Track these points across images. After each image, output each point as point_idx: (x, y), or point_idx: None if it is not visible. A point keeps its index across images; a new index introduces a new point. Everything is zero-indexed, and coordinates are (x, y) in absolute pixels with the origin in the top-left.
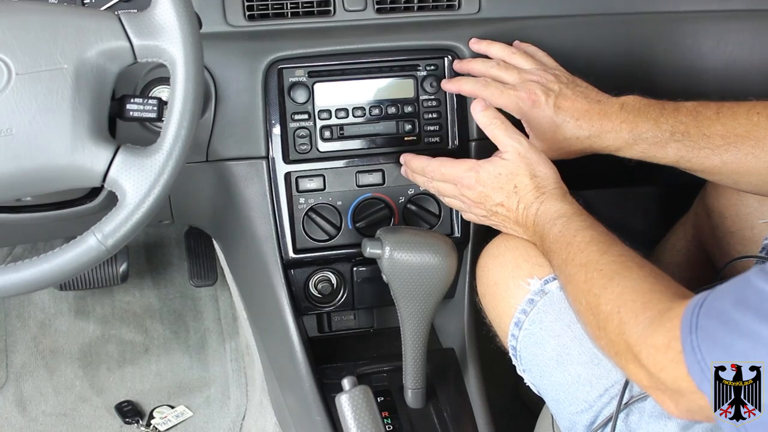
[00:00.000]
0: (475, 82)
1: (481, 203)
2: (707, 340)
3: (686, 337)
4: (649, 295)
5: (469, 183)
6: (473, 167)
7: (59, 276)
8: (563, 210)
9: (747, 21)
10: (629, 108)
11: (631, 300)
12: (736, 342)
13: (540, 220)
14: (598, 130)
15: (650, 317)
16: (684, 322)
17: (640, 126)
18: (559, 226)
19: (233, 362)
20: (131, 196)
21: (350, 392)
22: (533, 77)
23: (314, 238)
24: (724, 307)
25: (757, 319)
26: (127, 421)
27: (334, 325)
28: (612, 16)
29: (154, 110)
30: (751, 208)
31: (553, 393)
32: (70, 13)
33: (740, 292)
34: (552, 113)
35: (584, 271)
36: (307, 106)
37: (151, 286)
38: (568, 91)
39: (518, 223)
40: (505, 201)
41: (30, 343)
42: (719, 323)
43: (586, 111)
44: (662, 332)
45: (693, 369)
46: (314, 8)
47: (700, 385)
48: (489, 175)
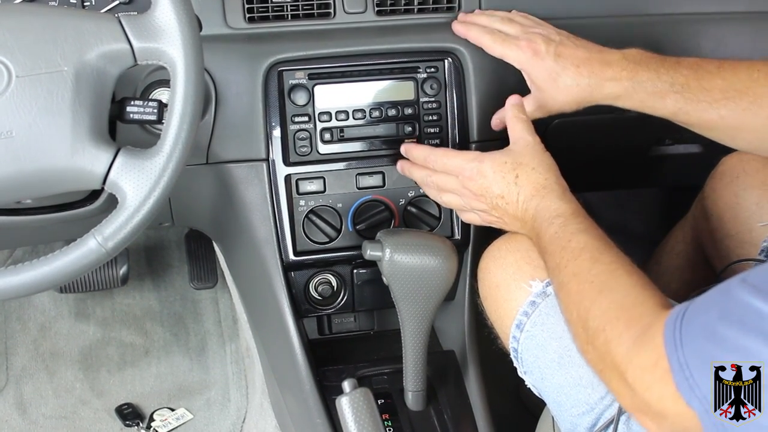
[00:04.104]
0: (481, 29)
1: (482, 195)
2: (694, 356)
3: (672, 354)
4: (633, 311)
5: (471, 174)
6: (477, 157)
7: (59, 278)
8: (561, 209)
9: (746, 23)
10: (630, 58)
11: (615, 318)
12: (724, 358)
13: (538, 216)
14: (599, 78)
15: (634, 335)
16: (667, 338)
17: (641, 74)
18: (556, 227)
19: (233, 365)
20: (131, 199)
21: (351, 394)
22: (535, 29)
23: (314, 241)
24: (708, 322)
25: (742, 333)
26: (128, 424)
27: (335, 328)
28: (612, 18)
29: (154, 112)
30: (750, 211)
31: (555, 395)
32: (71, 16)
33: (723, 306)
34: (552, 61)
35: (576, 281)
36: (308, 109)
37: (151, 289)
38: (568, 41)
39: (517, 218)
40: (505, 193)
41: (30, 345)
42: (705, 339)
43: (587, 59)
44: (648, 351)
45: (682, 386)
46: (314, 10)
47: (690, 402)
48: (493, 164)
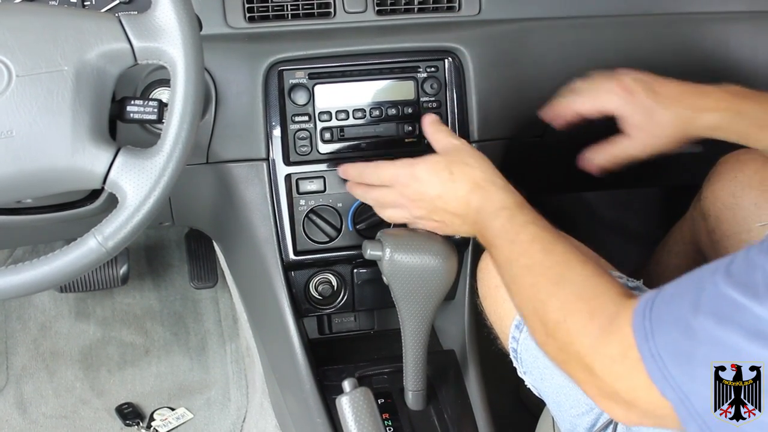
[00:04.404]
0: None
1: (419, 200)
2: (667, 346)
3: (643, 345)
4: (594, 301)
5: (405, 180)
6: (409, 163)
7: (60, 278)
8: (506, 201)
9: (747, 23)
10: (729, 90)
11: (577, 309)
12: (697, 349)
13: (482, 209)
14: (696, 109)
15: (599, 325)
16: (637, 329)
17: (742, 105)
18: (502, 219)
19: (233, 364)
20: (132, 198)
21: (351, 394)
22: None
23: (315, 240)
24: (680, 312)
25: (717, 324)
26: (128, 423)
27: (335, 327)
28: (612, 18)
29: (154, 112)
30: (748, 211)
31: (554, 395)
32: (71, 15)
33: (695, 296)
34: (647, 98)
35: (530, 274)
36: (308, 108)
37: (151, 288)
38: (658, 79)
39: (458, 214)
40: (442, 191)
41: (30, 345)
42: (677, 330)
43: (682, 91)
44: (616, 341)
45: (655, 376)
46: (314, 10)
47: (664, 392)
48: (426, 166)
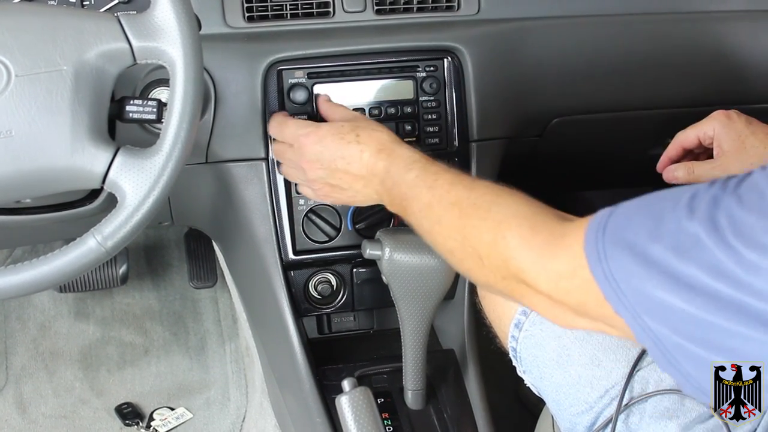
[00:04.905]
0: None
1: (317, 161)
2: (622, 271)
3: (596, 266)
4: (534, 218)
5: (306, 141)
6: (315, 124)
7: (59, 278)
8: (416, 156)
9: (747, 22)
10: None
11: (516, 225)
12: (653, 277)
13: (392, 166)
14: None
15: (544, 240)
16: (589, 251)
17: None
18: (416, 170)
19: (233, 364)
20: (131, 198)
21: (350, 393)
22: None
23: (314, 240)
24: (636, 239)
25: (673, 256)
26: (127, 423)
27: (334, 327)
28: (612, 17)
29: (153, 112)
30: None
31: (554, 394)
32: (70, 15)
33: (654, 225)
34: (743, 125)
35: (457, 208)
36: (307, 108)
37: (150, 288)
38: (756, 119)
39: (361, 176)
40: (346, 153)
41: (30, 345)
42: (632, 256)
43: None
44: (564, 258)
45: (609, 295)
46: (313, 9)
47: (617, 310)
48: (331, 128)
